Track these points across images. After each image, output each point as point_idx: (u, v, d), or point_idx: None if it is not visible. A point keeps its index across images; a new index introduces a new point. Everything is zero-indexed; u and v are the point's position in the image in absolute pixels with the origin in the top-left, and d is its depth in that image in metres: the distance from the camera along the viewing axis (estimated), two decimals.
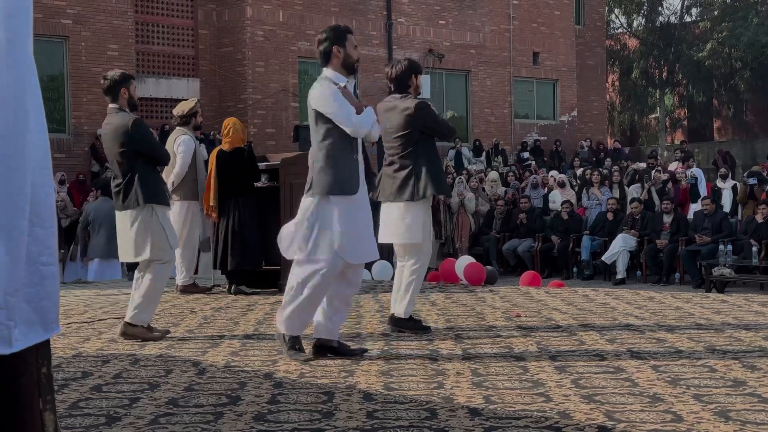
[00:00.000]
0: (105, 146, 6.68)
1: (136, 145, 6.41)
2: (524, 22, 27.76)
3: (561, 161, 25.92)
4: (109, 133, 6.49)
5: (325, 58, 5.50)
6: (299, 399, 4.45)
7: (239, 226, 9.05)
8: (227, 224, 9.11)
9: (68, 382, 5.00)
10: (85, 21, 19.89)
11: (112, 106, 6.53)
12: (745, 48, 31.56)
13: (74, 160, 19.75)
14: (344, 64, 5.51)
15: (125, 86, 6.49)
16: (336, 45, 5.47)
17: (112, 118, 6.51)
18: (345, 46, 5.49)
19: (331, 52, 5.46)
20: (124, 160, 6.41)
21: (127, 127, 6.39)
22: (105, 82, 6.51)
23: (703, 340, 5.85)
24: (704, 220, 15.28)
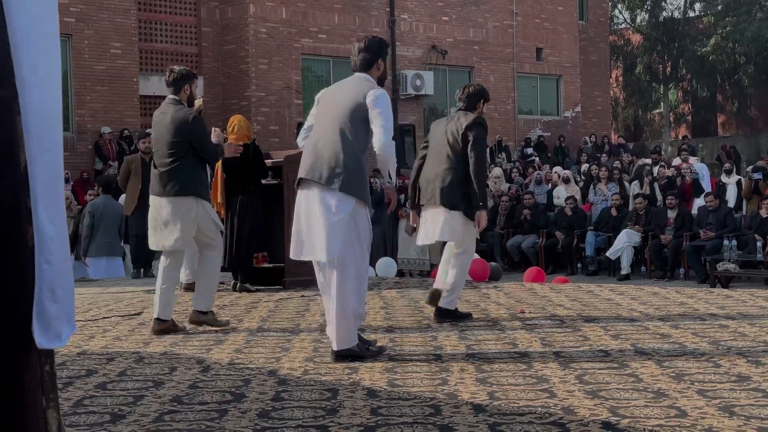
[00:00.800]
0: (156, 132, 6.80)
1: (191, 138, 6.57)
2: (527, 17, 27.71)
3: (565, 157, 25.89)
4: (166, 121, 6.65)
5: (365, 66, 5.54)
6: (303, 396, 4.45)
7: (242, 223, 9.06)
8: (232, 222, 9.12)
9: (73, 379, 5.01)
10: (88, 19, 19.88)
11: (172, 98, 6.73)
12: (749, 43, 31.47)
13: (78, 159, 19.74)
14: (380, 77, 5.61)
15: (189, 83, 6.76)
16: (380, 58, 5.57)
17: (170, 108, 6.69)
18: (385, 61, 5.64)
19: (375, 63, 5.55)
20: (174, 150, 6.56)
21: (188, 120, 6.56)
22: (171, 75, 6.71)
23: (708, 335, 5.84)
24: (708, 215, 15.25)
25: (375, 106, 5.33)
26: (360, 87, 5.44)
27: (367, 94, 5.36)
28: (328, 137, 5.37)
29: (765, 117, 35.53)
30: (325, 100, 5.61)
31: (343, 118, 5.36)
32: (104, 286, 10.59)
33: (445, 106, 26.15)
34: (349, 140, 5.32)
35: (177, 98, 6.72)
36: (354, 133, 5.34)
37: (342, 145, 5.31)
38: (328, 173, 5.26)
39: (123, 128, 20.17)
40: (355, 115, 5.35)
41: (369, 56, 5.53)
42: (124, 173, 11.49)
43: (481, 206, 6.58)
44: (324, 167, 5.29)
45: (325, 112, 5.51)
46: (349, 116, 5.35)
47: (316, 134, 5.48)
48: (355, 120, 5.34)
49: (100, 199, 13.08)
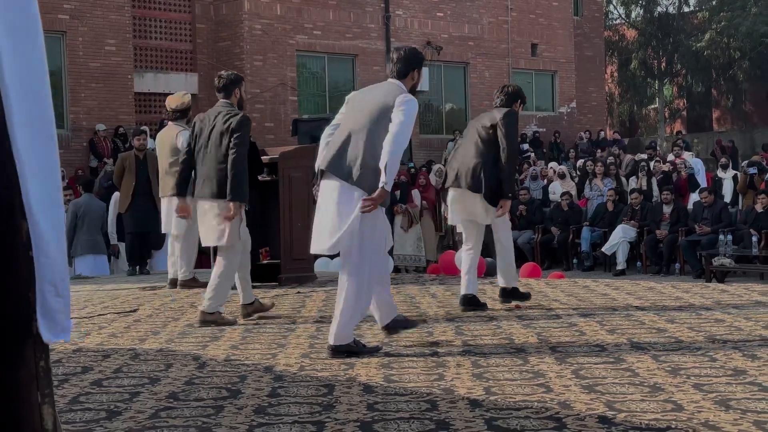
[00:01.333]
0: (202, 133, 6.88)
1: (230, 136, 6.65)
2: (522, 13, 27.71)
3: (560, 153, 25.90)
4: (215, 122, 6.78)
5: (400, 75, 5.63)
6: (299, 392, 4.45)
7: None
8: None
9: (68, 376, 5.00)
10: (83, 16, 19.85)
11: (224, 101, 6.90)
12: (744, 38, 31.49)
13: (73, 156, 19.71)
14: (413, 87, 5.71)
15: (238, 87, 6.92)
16: (416, 69, 5.68)
17: (220, 109, 6.83)
18: (420, 73, 5.74)
19: (410, 73, 5.65)
20: (217, 151, 6.70)
21: (234, 123, 6.67)
22: (221, 81, 6.90)
23: (703, 329, 5.85)
24: (704, 210, 15.26)
25: (400, 106, 5.40)
26: (392, 91, 5.54)
27: (397, 96, 5.46)
28: (353, 134, 5.46)
29: (760, 112, 35.56)
30: (355, 100, 5.71)
31: (371, 117, 5.45)
32: (100, 283, 10.57)
33: (441, 102, 26.16)
34: (372, 139, 5.39)
35: (228, 102, 6.90)
36: (378, 134, 5.40)
37: (366, 143, 5.38)
38: (349, 168, 5.35)
39: (118, 125, 20.15)
40: (382, 115, 5.43)
41: (405, 66, 5.64)
42: (119, 171, 11.47)
43: (510, 196, 6.99)
44: (345, 162, 5.38)
45: (354, 111, 5.61)
46: (377, 116, 5.43)
47: (343, 130, 5.57)
48: (382, 121, 5.42)
49: (82, 198, 13.19)
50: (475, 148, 7.01)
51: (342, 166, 5.36)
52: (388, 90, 5.55)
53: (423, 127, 25.47)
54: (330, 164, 5.41)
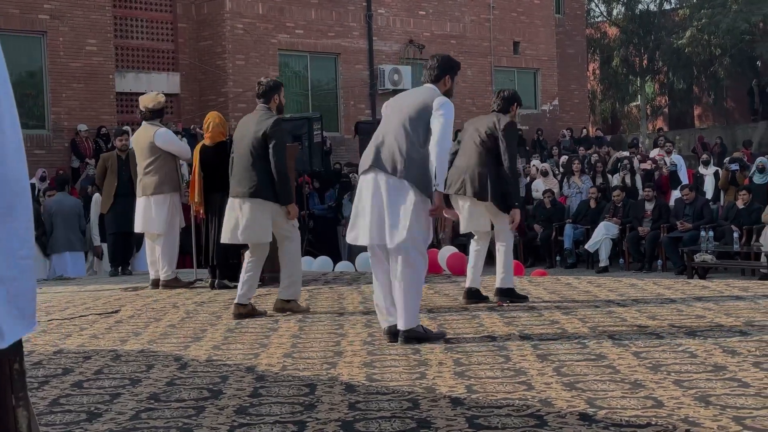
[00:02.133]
0: (239, 135, 7.13)
1: (269, 142, 6.91)
2: (504, 11, 27.74)
3: (543, 150, 25.95)
4: (251, 127, 7.04)
5: (435, 79, 5.96)
6: (281, 392, 4.44)
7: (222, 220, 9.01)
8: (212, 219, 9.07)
9: (49, 378, 4.97)
10: (63, 16, 19.74)
11: (263, 106, 7.14)
12: (724, 35, 31.60)
13: (54, 156, 19.61)
14: (447, 91, 5.97)
15: (277, 93, 7.19)
16: (449, 75, 5.99)
17: (259, 114, 7.08)
18: (453, 79, 6.04)
19: (443, 79, 5.97)
20: (258, 153, 6.93)
21: (269, 124, 6.94)
22: (260, 87, 7.19)
23: (684, 325, 5.87)
24: (685, 206, 15.34)
25: (439, 109, 5.72)
26: (429, 93, 5.84)
27: (435, 98, 5.78)
28: (393, 132, 5.77)
29: (741, 108, 35.73)
30: (394, 103, 6.02)
31: (409, 115, 5.76)
32: (81, 284, 10.53)
33: None
34: (414, 134, 5.70)
35: (267, 107, 7.14)
36: (417, 131, 5.71)
37: (407, 139, 5.69)
38: (394, 163, 5.64)
39: (100, 126, 20.05)
40: (421, 113, 5.74)
41: (439, 72, 5.96)
42: (101, 171, 11.43)
43: (517, 205, 7.10)
44: (389, 157, 5.67)
45: (393, 111, 5.92)
46: (416, 114, 5.75)
47: (383, 129, 5.88)
48: (422, 120, 5.72)
49: (55, 197, 13.22)
50: (477, 155, 7.09)
51: (388, 161, 5.66)
52: (425, 92, 5.91)
53: None
54: (375, 160, 5.71)
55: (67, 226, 12.84)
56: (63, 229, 12.85)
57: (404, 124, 5.71)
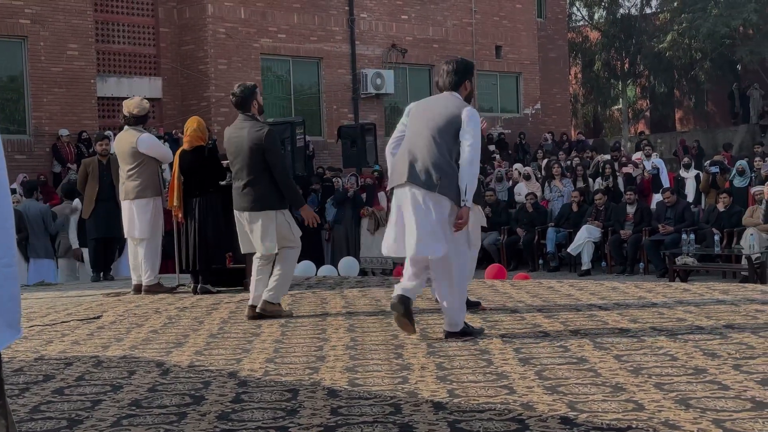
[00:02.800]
0: (231, 148, 7.17)
1: (265, 155, 7.00)
2: (486, 15, 27.82)
3: (525, 154, 26.02)
4: (243, 138, 7.06)
5: (454, 86, 5.95)
6: (263, 397, 4.44)
7: (202, 225, 9.00)
8: (191, 224, 9.06)
9: (29, 385, 4.95)
10: (44, 21, 19.67)
11: (244, 114, 7.18)
12: (705, 39, 31.79)
13: (35, 162, 19.54)
14: (467, 96, 6.02)
15: (254, 98, 7.21)
16: (467, 79, 5.99)
17: (244, 125, 7.12)
18: (472, 82, 6.05)
19: (462, 84, 5.97)
20: (251, 165, 7.01)
21: (262, 137, 7.00)
22: (235, 98, 7.18)
23: (665, 328, 5.90)
24: (667, 209, 15.41)
25: (469, 123, 5.77)
26: (455, 103, 5.87)
27: (463, 109, 5.80)
28: (424, 144, 5.81)
29: (721, 112, 35.94)
30: (417, 113, 6.00)
31: (439, 128, 5.80)
32: (63, 290, 10.48)
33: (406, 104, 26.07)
34: (443, 147, 5.77)
35: (249, 114, 7.17)
36: (447, 142, 5.79)
37: (438, 151, 5.76)
38: (429, 178, 5.71)
39: (81, 130, 19.98)
40: (451, 125, 5.79)
41: (457, 78, 5.93)
42: (82, 176, 11.39)
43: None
44: (423, 171, 5.74)
45: (419, 122, 5.92)
46: (445, 126, 5.79)
47: (410, 142, 5.91)
48: (450, 130, 5.79)
49: (22, 204, 13.15)
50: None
51: (423, 176, 5.72)
52: (451, 101, 5.90)
53: (388, 129, 25.47)
54: (411, 175, 5.75)
55: (33, 233, 12.75)
56: (37, 236, 12.77)
57: (434, 135, 5.76)
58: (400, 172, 5.85)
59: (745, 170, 17.24)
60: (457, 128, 5.77)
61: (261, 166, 7.03)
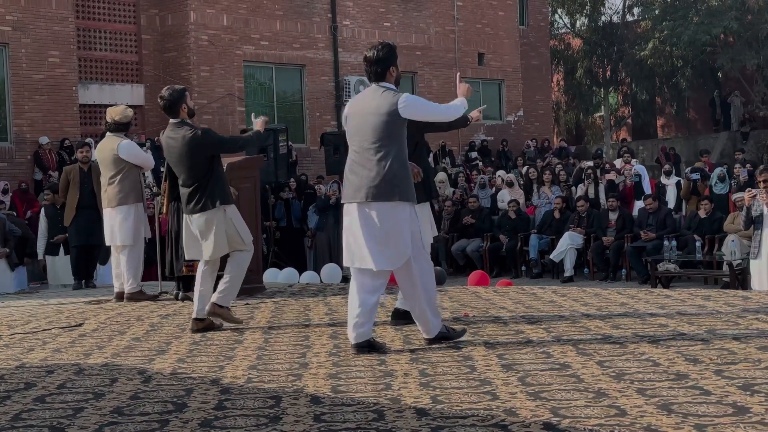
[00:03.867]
0: (171, 157, 6.98)
1: (211, 151, 6.86)
2: (469, 23, 27.89)
3: (508, 161, 26.09)
4: (179, 145, 6.86)
5: (380, 76, 5.71)
6: (246, 404, 4.43)
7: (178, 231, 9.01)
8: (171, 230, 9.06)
9: (11, 393, 4.92)
10: (25, 27, 19.58)
11: (174, 121, 6.96)
12: (686, 46, 31.96)
13: (17, 169, 19.44)
14: (396, 80, 5.80)
15: (183, 102, 6.97)
16: (392, 65, 5.73)
17: (177, 132, 6.90)
18: (397, 66, 5.81)
19: (387, 71, 5.72)
20: (195, 169, 6.82)
21: (198, 137, 6.81)
22: (163, 102, 6.94)
23: (647, 334, 5.92)
24: (649, 216, 15.48)
25: (415, 110, 5.63)
26: (384, 98, 5.65)
27: (397, 102, 5.58)
28: (368, 157, 5.62)
29: (703, 119, 36.14)
30: (353, 119, 5.77)
31: (379, 133, 5.59)
32: (45, 297, 10.43)
33: None
34: (389, 152, 5.58)
35: (179, 119, 6.96)
36: (392, 143, 5.59)
37: (385, 159, 5.56)
38: (381, 187, 5.54)
39: (63, 138, 19.89)
40: (391, 125, 5.59)
41: (381, 66, 5.70)
42: (63, 184, 11.35)
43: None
44: (376, 185, 5.55)
45: (357, 131, 5.72)
46: (385, 127, 5.58)
47: (355, 155, 5.70)
48: (391, 129, 5.59)
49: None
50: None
51: (376, 189, 5.54)
52: (380, 95, 5.66)
53: None
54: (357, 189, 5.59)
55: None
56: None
57: (376, 142, 5.56)
58: (354, 187, 5.62)
59: (725, 177, 17.34)
60: (399, 122, 5.57)
61: (204, 168, 6.82)
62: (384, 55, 5.69)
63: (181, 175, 6.95)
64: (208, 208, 6.81)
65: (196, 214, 6.85)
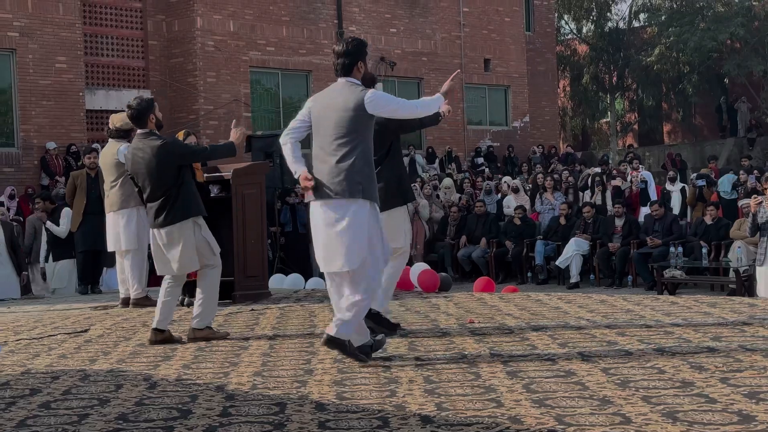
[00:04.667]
0: (137, 169, 6.75)
1: (180, 161, 6.68)
2: (475, 29, 27.91)
3: (514, 167, 26.08)
4: (147, 155, 6.66)
5: (346, 71, 5.58)
6: (251, 411, 4.43)
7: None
8: None
9: (16, 399, 4.93)
10: (33, 33, 19.64)
11: (141, 131, 6.78)
12: (692, 52, 31.95)
13: (23, 174, 19.48)
14: (364, 77, 5.67)
15: (152, 111, 6.78)
16: (360, 60, 5.59)
17: (144, 143, 6.72)
18: (365, 62, 5.68)
19: (355, 66, 5.58)
20: (163, 180, 6.63)
21: (167, 146, 6.66)
22: (131, 111, 6.75)
23: (653, 341, 5.91)
24: (655, 222, 15.46)
25: (378, 105, 5.48)
26: (351, 92, 5.51)
27: (363, 99, 5.45)
28: (331, 153, 5.47)
29: (709, 125, 36.10)
30: (318, 113, 5.62)
31: (343, 129, 5.45)
32: (50, 303, 10.44)
33: None
34: (353, 149, 5.44)
35: (146, 130, 6.78)
36: (357, 140, 5.46)
37: (348, 156, 5.43)
38: (344, 185, 5.39)
39: (70, 143, 19.95)
40: (356, 122, 5.45)
41: (348, 60, 5.56)
42: (70, 189, 11.37)
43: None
44: (338, 181, 5.40)
45: (319, 124, 5.58)
46: (350, 123, 5.45)
47: (318, 150, 5.56)
48: (357, 125, 5.46)
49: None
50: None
51: (339, 186, 5.39)
52: (346, 91, 5.53)
53: None
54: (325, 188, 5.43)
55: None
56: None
57: (341, 138, 5.43)
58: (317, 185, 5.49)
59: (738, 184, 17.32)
60: (365, 118, 5.45)
61: (172, 181, 6.60)
62: (353, 49, 5.57)
63: (149, 187, 6.69)
64: (178, 221, 6.59)
65: (165, 227, 6.62)
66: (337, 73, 5.63)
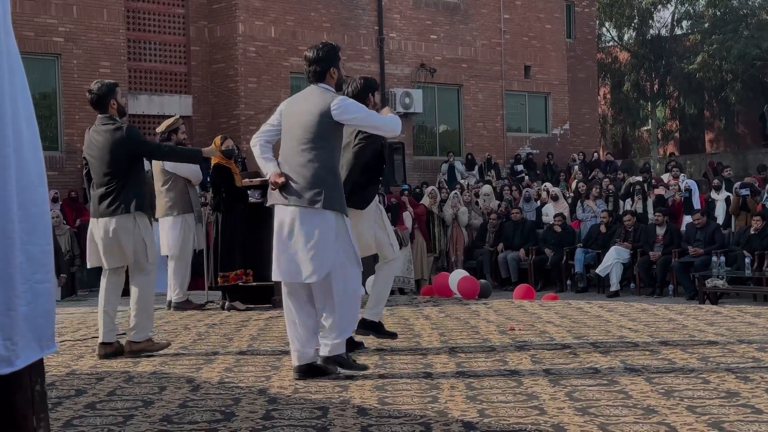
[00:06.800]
0: (90, 152, 6.54)
1: (132, 150, 6.41)
2: (515, 36, 27.84)
3: (554, 174, 25.96)
4: (102, 138, 6.43)
5: (319, 77, 5.50)
6: (293, 414, 4.45)
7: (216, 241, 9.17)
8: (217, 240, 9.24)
9: (62, 399, 4.99)
10: (77, 38, 19.90)
11: (102, 116, 6.53)
12: (736, 60, 31.65)
13: (67, 178, 19.72)
14: (337, 84, 5.57)
15: (113, 97, 6.49)
16: (332, 66, 5.51)
17: (102, 127, 6.48)
18: (338, 68, 5.56)
19: (327, 72, 5.49)
20: (114, 167, 6.37)
21: (122, 132, 6.39)
22: (90, 96, 6.50)
23: (697, 351, 5.86)
24: (697, 231, 15.31)
25: (348, 114, 5.34)
26: (321, 99, 5.41)
27: (330, 106, 5.33)
28: (295, 158, 5.37)
29: (752, 133, 35.70)
30: (288, 117, 5.55)
31: (309, 134, 5.35)
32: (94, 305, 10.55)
33: (434, 123, 26.21)
34: (318, 156, 5.33)
35: (107, 115, 6.50)
36: (322, 147, 5.35)
37: (312, 162, 5.32)
38: (307, 192, 5.26)
39: None
40: (322, 128, 5.34)
41: (320, 67, 5.48)
42: None
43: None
44: (302, 188, 5.28)
45: (290, 130, 5.49)
46: (317, 130, 5.34)
47: (284, 155, 5.47)
48: (324, 132, 5.34)
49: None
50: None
51: (303, 192, 5.27)
52: (316, 97, 5.43)
53: (417, 148, 25.53)
54: (289, 194, 5.29)
55: None
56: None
57: (307, 144, 5.32)
58: (274, 192, 5.39)
59: None
60: (332, 126, 5.31)
61: (123, 168, 6.35)
62: (324, 55, 5.48)
63: (98, 173, 6.43)
64: (119, 213, 6.29)
65: (105, 217, 6.31)
66: (309, 80, 5.55)
